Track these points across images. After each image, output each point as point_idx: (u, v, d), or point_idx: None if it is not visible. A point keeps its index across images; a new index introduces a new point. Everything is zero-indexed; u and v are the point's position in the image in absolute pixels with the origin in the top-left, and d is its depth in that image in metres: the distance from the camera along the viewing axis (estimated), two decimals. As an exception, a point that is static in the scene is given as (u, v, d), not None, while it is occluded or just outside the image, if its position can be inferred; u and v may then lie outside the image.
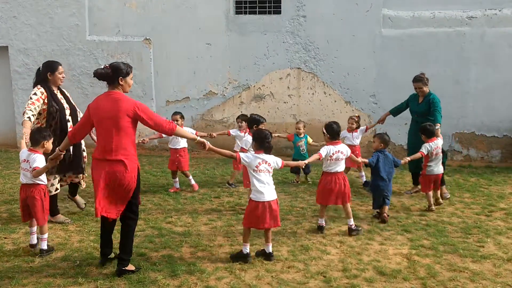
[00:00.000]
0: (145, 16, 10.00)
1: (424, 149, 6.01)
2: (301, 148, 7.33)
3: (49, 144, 4.59)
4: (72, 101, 5.68)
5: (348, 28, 9.23)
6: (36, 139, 4.53)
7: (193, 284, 3.88)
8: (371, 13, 9.15)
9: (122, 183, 3.91)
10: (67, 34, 10.27)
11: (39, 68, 5.39)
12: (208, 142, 4.25)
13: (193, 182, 6.97)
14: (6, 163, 8.95)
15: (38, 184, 4.51)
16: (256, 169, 4.27)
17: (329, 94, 9.41)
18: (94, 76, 4.15)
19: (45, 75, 5.27)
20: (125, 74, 4.16)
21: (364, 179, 7.34)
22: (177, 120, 6.63)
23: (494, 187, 7.14)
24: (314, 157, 5.00)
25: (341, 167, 5.12)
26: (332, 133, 5.12)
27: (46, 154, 4.58)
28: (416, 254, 4.49)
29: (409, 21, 9.05)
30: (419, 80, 6.57)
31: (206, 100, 9.99)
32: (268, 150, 4.39)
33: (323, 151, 5.00)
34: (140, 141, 6.30)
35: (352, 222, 5.07)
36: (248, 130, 6.59)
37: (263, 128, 5.96)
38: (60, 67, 5.40)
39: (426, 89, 6.59)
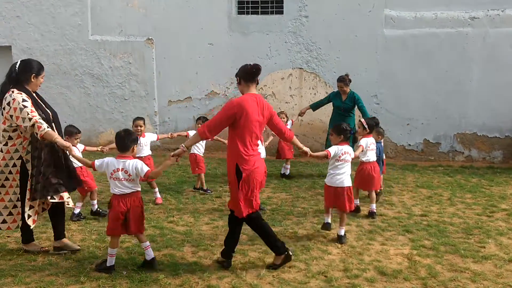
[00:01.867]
0: (147, 16, 10.02)
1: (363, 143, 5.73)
2: None
3: (136, 148, 4.38)
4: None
5: (350, 28, 9.24)
6: (126, 145, 4.12)
7: (194, 283, 3.89)
8: (373, 13, 9.15)
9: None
10: (69, 34, 10.30)
11: (15, 67, 4.39)
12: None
13: (157, 195, 6.33)
14: (9, 162, 8.98)
15: (138, 191, 4.14)
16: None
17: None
18: (257, 70, 4.16)
19: (28, 76, 4.36)
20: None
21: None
22: (141, 126, 6.23)
23: (496, 187, 7.14)
24: (319, 154, 4.90)
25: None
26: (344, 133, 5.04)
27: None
28: (417, 254, 4.49)
29: (412, 22, 9.05)
30: (342, 80, 7.43)
31: (208, 100, 10.00)
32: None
33: (332, 150, 4.89)
34: (99, 149, 5.96)
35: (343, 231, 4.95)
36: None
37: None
38: (43, 70, 4.59)
39: (347, 88, 7.45)
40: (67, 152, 4.32)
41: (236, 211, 4.15)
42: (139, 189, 4.15)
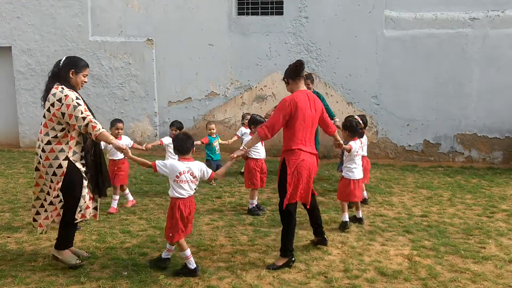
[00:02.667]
0: (147, 17, 10.03)
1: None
2: (216, 148, 7.45)
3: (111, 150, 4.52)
4: None
5: (350, 29, 9.24)
6: (188, 148, 4.08)
7: (194, 283, 3.89)
8: (373, 14, 9.16)
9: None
10: (69, 35, 10.30)
11: (59, 62, 4.21)
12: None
13: (130, 197, 6.13)
14: (9, 163, 8.99)
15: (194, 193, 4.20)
16: None
17: (331, 95, 9.41)
18: (300, 65, 4.40)
19: (67, 71, 4.13)
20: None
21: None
22: (121, 129, 6.10)
23: (496, 188, 7.14)
24: (346, 147, 5.20)
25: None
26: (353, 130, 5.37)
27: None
28: (417, 255, 4.49)
29: (411, 22, 9.06)
30: (310, 77, 7.34)
31: (208, 101, 10.01)
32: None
33: (353, 145, 5.28)
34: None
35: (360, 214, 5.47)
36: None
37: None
38: (87, 68, 4.38)
39: (312, 87, 7.34)
40: (124, 154, 4.17)
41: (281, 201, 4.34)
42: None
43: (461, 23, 8.88)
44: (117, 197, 5.94)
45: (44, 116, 4.05)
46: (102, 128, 4.00)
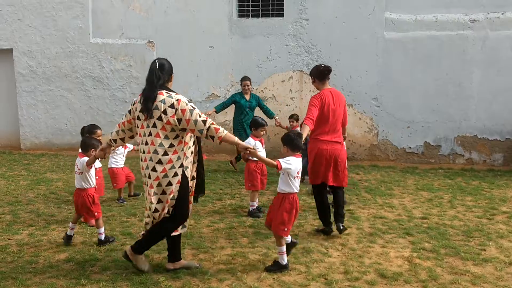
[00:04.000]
0: (148, 19, 10.05)
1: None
2: None
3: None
4: None
5: (350, 31, 9.26)
6: (298, 145, 4.17)
7: (195, 286, 3.89)
8: (373, 16, 9.17)
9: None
10: (71, 37, 10.33)
11: (156, 66, 3.88)
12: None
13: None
14: (10, 165, 9.00)
15: None
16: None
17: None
18: (328, 72, 5.08)
19: (170, 76, 3.99)
20: None
21: None
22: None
23: (496, 190, 7.14)
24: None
25: None
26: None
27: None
28: (417, 257, 4.49)
29: (412, 24, 9.07)
30: (248, 79, 8.17)
31: (209, 103, 10.02)
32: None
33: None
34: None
35: None
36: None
37: (264, 131, 5.99)
38: None
39: (251, 88, 8.17)
40: (252, 154, 4.01)
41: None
42: None
43: (461, 25, 8.90)
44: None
45: (154, 126, 3.77)
46: (224, 130, 3.88)
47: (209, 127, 3.78)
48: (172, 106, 3.75)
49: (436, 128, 9.18)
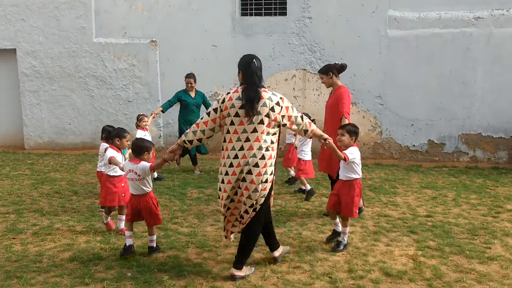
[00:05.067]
0: (151, 18, 10.06)
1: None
2: None
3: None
4: None
5: (353, 29, 9.23)
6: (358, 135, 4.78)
7: (199, 284, 3.89)
8: (377, 14, 9.14)
9: None
10: (74, 37, 10.35)
11: (260, 63, 4.12)
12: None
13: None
14: (14, 165, 9.03)
15: None
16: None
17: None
18: (345, 69, 5.57)
19: (262, 74, 4.11)
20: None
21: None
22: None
23: (501, 188, 7.10)
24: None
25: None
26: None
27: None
28: (422, 255, 4.47)
29: (415, 22, 9.04)
30: (193, 76, 8.14)
31: (212, 102, 10.00)
32: None
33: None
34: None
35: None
36: None
37: None
38: None
39: (195, 85, 8.18)
40: (328, 143, 4.20)
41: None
42: None
43: (465, 23, 8.85)
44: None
45: (261, 123, 3.82)
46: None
47: (305, 122, 4.09)
48: (278, 103, 3.89)
49: (440, 126, 9.14)
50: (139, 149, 4.44)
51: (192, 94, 8.17)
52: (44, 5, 10.35)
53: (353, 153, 4.52)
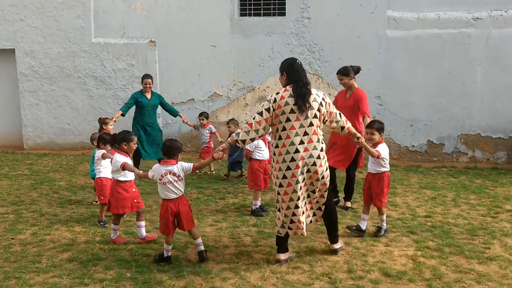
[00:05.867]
0: (150, 19, 10.05)
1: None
2: None
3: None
4: None
5: (352, 29, 9.23)
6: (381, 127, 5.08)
7: (198, 285, 3.89)
8: (375, 14, 9.14)
9: None
10: (72, 37, 10.33)
11: (299, 62, 4.35)
12: None
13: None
14: (13, 165, 9.01)
15: None
16: None
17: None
18: (359, 71, 6.07)
19: None
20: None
21: None
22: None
23: (500, 188, 7.11)
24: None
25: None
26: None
27: None
28: (421, 255, 4.48)
29: (414, 23, 9.04)
30: (150, 77, 8.00)
31: (211, 102, 10.01)
32: None
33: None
34: None
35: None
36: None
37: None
38: None
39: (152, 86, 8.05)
40: (360, 142, 4.55)
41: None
42: None
43: (464, 23, 8.86)
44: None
45: (315, 117, 4.12)
46: None
47: (343, 119, 4.39)
48: (323, 99, 4.22)
49: (439, 126, 9.15)
50: (172, 150, 4.31)
51: (148, 95, 7.96)
52: (43, 5, 10.33)
53: (383, 149, 4.92)
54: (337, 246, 4.49)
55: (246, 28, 9.72)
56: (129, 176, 4.91)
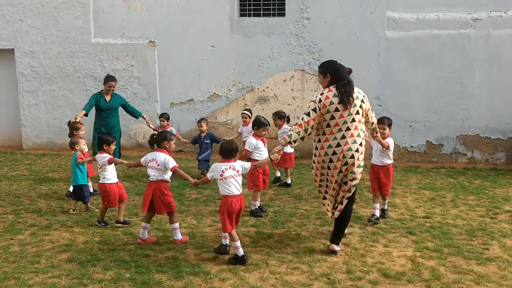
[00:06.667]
0: (149, 19, 10.05)
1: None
2: None
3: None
4: None
5: (352, 30, 9.24)
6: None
7: (197, 285, 3.89)
8: (375, 15, 9.15)
9: None
10: (72, 37, 10.33)
11: (340, 63, 4.67)
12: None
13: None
14: (12, 165, 9.01)
15: None
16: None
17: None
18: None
19: None
20: None
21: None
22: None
23: (499, 189, 7.12)
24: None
25: None
26: None
27: None
28: (420, 256, 4.48)
29: (414, 23, 9.05)
30: (114, 79, 7.66)
31: (210, 102, 10.01)
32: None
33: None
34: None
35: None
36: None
37: (266, 131, 5.98)
38: None
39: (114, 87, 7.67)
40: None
41: None
42: None
43: (463, 24, 8.87)
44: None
45: (357, 114, 4.43)
46: None
47: (373, 115, 4.72)
48: (364, 97, 4.55)
49: (438, 127, 9.15)
50: (230, 152, 4.45)
51: (108, 97, 7.56)
52: (43, 5, 10.33)
53: (391, 142, 5.49)
54: (337, 248, 4.56)
55: (246, 28, 9.72)
56: (168, 176, 4.89)
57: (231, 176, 4.33)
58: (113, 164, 5.49)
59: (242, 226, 5.40)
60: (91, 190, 6.59)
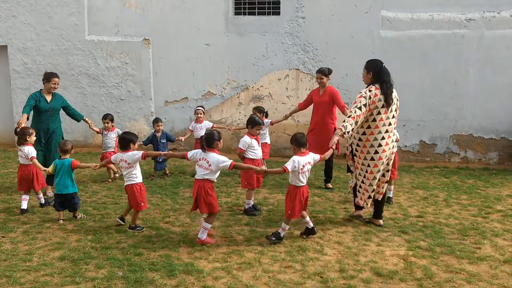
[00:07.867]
0: (144, 16, 10.01)
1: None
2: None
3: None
4: None
5: (346, 29, 9.25)
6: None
7: (190, 284, 3.88)
8: (370, 14, 9.17)
9: None
10: (66, 34, 10.27)
11: (385, 65, 5.43)
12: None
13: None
14: (4, 162, 8.95)
15: None
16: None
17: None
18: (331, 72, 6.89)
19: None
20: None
21: None
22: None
23: (491, 189, 7.16)
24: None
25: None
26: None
27: None
28: (413, 255, 4.50)
29: (408, 23, 9.08)
30: (57, 76, 6.83)
31: (205, 101, 10.00)
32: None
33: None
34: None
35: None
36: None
37: (260, 130, 5.98)
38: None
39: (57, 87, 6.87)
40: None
41: None
42: None
43: (457, 24, 8.91)
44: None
45: (395, 111, 5.24)
46: None
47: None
48: (397, 98, 5.30)
49: (432, 126, 9.19)
50: (304, 143, 4.86)
51: (49, 97, 6.76)
52: (36, 1, 10.26)
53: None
54: (381, 221, 5.36)
55: (241, 27, 9.71)
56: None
57: (308, 171, 4.84)
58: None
59: (235, 224, 5.41)
60: (42, 202, 6.11)
